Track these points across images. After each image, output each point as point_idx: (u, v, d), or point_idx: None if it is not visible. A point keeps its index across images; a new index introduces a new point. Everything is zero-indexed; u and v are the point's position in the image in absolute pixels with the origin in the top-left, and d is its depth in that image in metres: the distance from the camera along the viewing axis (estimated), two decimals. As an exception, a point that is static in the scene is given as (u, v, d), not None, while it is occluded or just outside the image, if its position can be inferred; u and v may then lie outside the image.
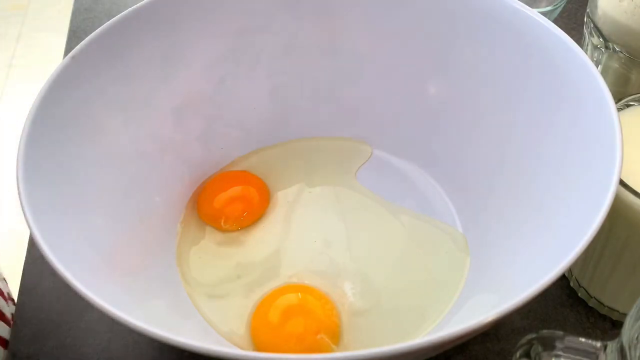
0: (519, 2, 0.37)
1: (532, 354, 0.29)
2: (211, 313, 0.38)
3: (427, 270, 0.40)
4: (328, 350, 0.35)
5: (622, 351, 0.24)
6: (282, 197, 0.44)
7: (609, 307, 0.38)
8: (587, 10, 0.43)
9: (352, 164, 0.46)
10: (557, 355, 0.28)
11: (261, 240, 0.42)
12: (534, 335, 0.29)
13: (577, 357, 0.28)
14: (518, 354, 0.30)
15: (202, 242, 0.42)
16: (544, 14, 0.44)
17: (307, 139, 0.47)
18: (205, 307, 0.39)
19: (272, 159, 0.46)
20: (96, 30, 0.37)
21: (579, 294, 0.40)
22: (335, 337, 0.37)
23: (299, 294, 0.38)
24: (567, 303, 0.40)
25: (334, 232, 0.42)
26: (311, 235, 0.42)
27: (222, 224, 0.43)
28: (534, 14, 0.37)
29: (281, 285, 0.39)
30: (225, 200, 0.43)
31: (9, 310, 0.51)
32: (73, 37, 0.59)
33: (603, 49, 0.42)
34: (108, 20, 0.38)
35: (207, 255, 0.41)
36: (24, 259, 0.43)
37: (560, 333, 0.28)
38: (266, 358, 0.25)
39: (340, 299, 0.39)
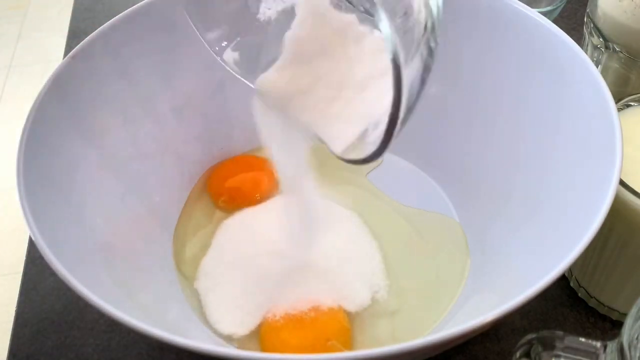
0: (519, 2, 0.37)
1: (532, 354, 0.29)
2: (211, 312, 0.38)
3: (427, 271, 0.40)
4: None
5: (622, 351, 0.24)
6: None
7: (609, 307, 0.38)
8: (587, 10, 0.43)
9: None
10: (557, 355, 0.28)
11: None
12: (534, 335, 0.29)
13: (577, 357, 0.28)
14: (518, 354, 0.30)
15: (201, 242, 0.42)
16: (544, 14, 0.44)
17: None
18: (205, 306, 0.38)
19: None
20: (96, 30, 0.37)
21: (579, 294, 0.40)
22: (347, 341, 0.36)
23: (307, 303, 0.38)
24: (567, 303, 0.40)
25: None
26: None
27: (221, 201, 0.43)
28: (534, 14, 0.37)
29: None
30: (235, 179, 0.44)
31: None
32: (73, 37, 0.59)
33: (603, 49, 0.42)
34: (108, 20, 0.38)
35: (205, 253, 0.41)
36: (24, 259, 0.43)
37: (560, 333, 0.28)
38: (266, 358, 0.25)
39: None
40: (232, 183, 0.44)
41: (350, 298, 0.38)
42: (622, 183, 0.32)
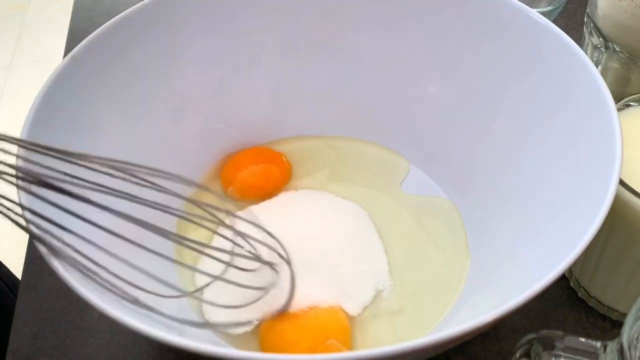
0: (519, 2, 0.37)
1: (532, 354, 0.29)
2: (208, 308, 0.38)
3: (428, 271, 0.40)
4: None
5: (622, 351, 0.24)
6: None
7: (609, 307, 0.38)
8: (587, 10, 0.43)
9: (362, 161, 0.47)
10: (557, 355, 0.28)
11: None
12: (534, 335, 0.29)
13: (577, 357, 0.28)
14: (518, 354, 0.30)
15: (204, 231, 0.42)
16: (544, 14, 0.44)
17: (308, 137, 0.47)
18: (205, 305, 0.38)
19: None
20: (96, 30, 0.37)
21: (579, 294, 0.40)
22: (347, 341, 0.36)
23: (307, 301, 0.37)
24: (567, 303, 0.40)
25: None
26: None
27: (229, 190, 0.43)
28: (534, 14, 0.37)
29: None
30: (246, 170, 0.45)
31: None
32: (73, 37, 0.59)
33: (603, 49, 0.42)
34: (108, 20, 0.38)
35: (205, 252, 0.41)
36: (24, 259, 0.43)
37: (560, 333, 0.28)
38: (265, 358, 0.25)
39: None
40: (242, 174, 0.44)
41: (352, 296, 0.38)
42: (622, 183, 0.32)
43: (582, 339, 0.28)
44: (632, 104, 0.36)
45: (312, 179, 0.45)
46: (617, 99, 0.34)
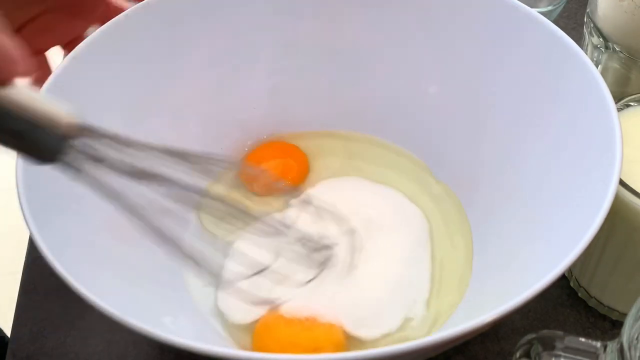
0: (519, 2, 0.37)
1: (532, 354, 0.29)
2: (213, 313, 0.38)
3: (433, 274, 0.40)
4: None
5: (622, 351, 0.24)
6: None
7: (609, 307, 0.38)
8: (587, 10, 0.43)
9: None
10: (557, 355, 0.28)
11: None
12: (534, 335, 0.29)
13: (577, 357, 0.28)
14: (518, 354, 0.30)
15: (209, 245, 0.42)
16: (544, 14, 0.44)
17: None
18: (206, 307, 0.39)
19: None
20: (96, 30, 0.37)
21: (579, 294, 0.40)
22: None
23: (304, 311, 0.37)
24: (567, 303, 0.40)
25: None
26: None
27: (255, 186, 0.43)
28: (534, 14, 0.37)
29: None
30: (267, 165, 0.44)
31: None
32: (73, 37, 0.59)
33: (603, 49, 0.42)
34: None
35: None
36: (24, 259, 0.43)
37: (560, 333, 0.28)
38: (265, 358, 0.26)
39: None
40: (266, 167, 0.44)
41: (369, 323, 0.37)
42: (622, 183, 0.32)
43: (582, 339, 0.28)
44: (632, 104, 0.36)
45: (332, 171, 0.45)
46: (617, 99, 0.34)
